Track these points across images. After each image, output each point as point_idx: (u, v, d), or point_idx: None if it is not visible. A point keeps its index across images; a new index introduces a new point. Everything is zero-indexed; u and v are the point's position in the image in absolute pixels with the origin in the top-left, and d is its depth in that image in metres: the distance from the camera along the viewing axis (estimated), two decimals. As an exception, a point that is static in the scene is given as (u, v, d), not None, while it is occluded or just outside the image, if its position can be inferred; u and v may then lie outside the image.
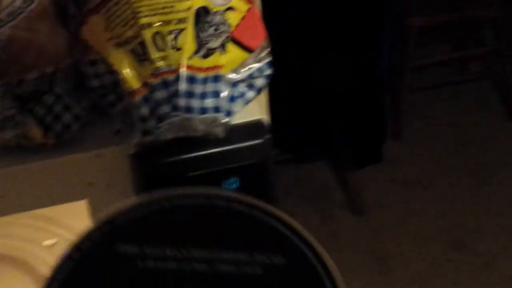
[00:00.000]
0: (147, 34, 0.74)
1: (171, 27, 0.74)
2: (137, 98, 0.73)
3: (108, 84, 0.77)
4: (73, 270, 0.31)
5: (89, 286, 0.31)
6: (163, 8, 0.75)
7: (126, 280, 0.31)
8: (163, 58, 0.73)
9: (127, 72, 0.74)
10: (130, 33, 0.75)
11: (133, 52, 0.74)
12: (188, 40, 0.74)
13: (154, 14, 0.74)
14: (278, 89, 0.96)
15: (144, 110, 0.73)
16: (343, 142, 2.45)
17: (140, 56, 0.74)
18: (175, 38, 0.74)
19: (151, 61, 0.73)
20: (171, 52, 0.74)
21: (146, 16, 0.74)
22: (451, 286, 2.23)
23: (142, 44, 0.74)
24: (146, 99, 0.73)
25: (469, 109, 2.85)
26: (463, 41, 2.99)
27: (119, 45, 0.75)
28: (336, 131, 2.40)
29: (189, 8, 0.75)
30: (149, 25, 0.74)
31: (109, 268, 0.31)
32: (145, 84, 0.73)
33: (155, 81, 0.73)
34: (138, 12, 0.74)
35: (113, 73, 0.75)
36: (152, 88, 0.73)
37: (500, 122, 2.80)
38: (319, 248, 0.33)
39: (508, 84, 2.81)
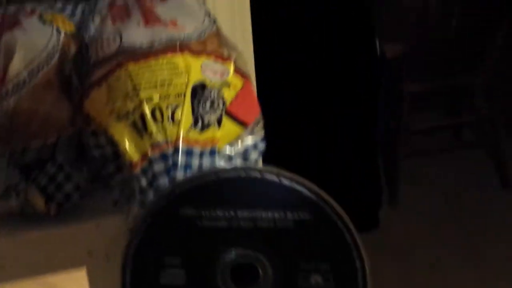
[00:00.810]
0: (147, 108, 0.76)
1: (169, 101, 0.77)
2: (136, 170, 0.75)
3: (108, 155, 0.79)
4: (147, 229, 0.43)
5: (160, 242, 0.42)
6: (162, 83, 0.78)
7: (188, 236, 0.42)
8: (161, 131, 0.76)
9: (126, 144, 0.76)
10: (130, 106, 0.77)
11: (133, 125, 0.76)
12: (185, 114, 0.77)
13: (154, 88, 0.77)
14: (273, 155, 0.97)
15: (143, 182, 0.75)
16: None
17: (140, 129, 0.76)
18: (173, 112, 0.77)
19: (150, 134, 0.76)
20: (169, 125, 0.76)
21: (146, 90, 0.77)
22: None
23: (142, 117, 0.76)
24: (144, 171, 0.75)
25: (463, 175, 2.86)
26: (457, 106, 3.02)
27: (119, 118, 0.77)
28: (332, 196, 2.40)
29: (186, 84, 0.78)
30: (149, 99, 0.77)
31: (174, 228, 0.42)
32: (144, 157, 0.75)
33: (153, 153, 0.75)
34: (138, 87, 0.77)
35: (114, 144, 0.77)
36: (150, 161, 0.75)
37: (494, 189, 2.81)
38: (339, 208, 0.45)
39: (501, 151, 2.83)
